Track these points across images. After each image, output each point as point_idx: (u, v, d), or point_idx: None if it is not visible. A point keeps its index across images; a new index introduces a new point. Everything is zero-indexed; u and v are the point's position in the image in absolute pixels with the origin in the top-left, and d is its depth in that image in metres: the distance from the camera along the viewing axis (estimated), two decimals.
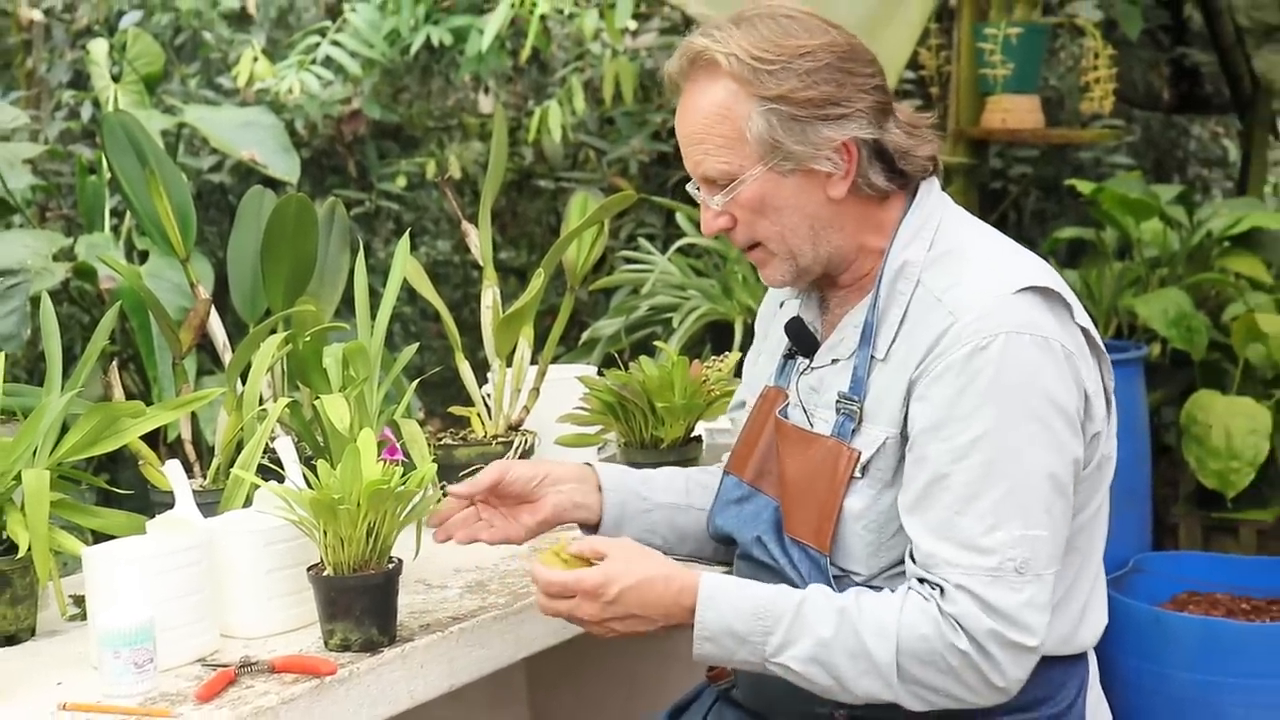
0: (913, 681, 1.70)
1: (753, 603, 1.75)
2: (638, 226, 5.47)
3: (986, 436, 1.68)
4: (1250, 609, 3.63)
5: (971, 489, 1.69)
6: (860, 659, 1.70)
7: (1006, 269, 1.77)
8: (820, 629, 1.71)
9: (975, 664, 1.67)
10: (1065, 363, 1.72)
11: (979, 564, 1.67)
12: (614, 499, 2.03)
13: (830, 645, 1.71)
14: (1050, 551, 1.69)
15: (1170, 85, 6.60)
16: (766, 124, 1.78)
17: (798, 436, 1.89)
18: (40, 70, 5.86)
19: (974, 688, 1.69)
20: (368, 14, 5.35)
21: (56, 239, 3.97)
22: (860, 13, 3.99)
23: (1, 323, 3.69)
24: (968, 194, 4.58)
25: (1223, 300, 4.44)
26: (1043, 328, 1.71)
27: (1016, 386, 1.69)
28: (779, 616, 1.73)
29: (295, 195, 2.29)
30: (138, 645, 1.72)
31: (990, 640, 1.67)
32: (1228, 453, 3.87)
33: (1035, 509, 1.68)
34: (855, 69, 1.80)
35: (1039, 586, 1.68)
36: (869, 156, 1.82)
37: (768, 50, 1.78)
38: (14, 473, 1.95)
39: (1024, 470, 1.68)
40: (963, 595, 1.67)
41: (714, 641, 1.76)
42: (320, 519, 1.81)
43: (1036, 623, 1.68)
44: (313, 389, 2.21)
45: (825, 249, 1.85)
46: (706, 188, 1.86)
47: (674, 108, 1.88)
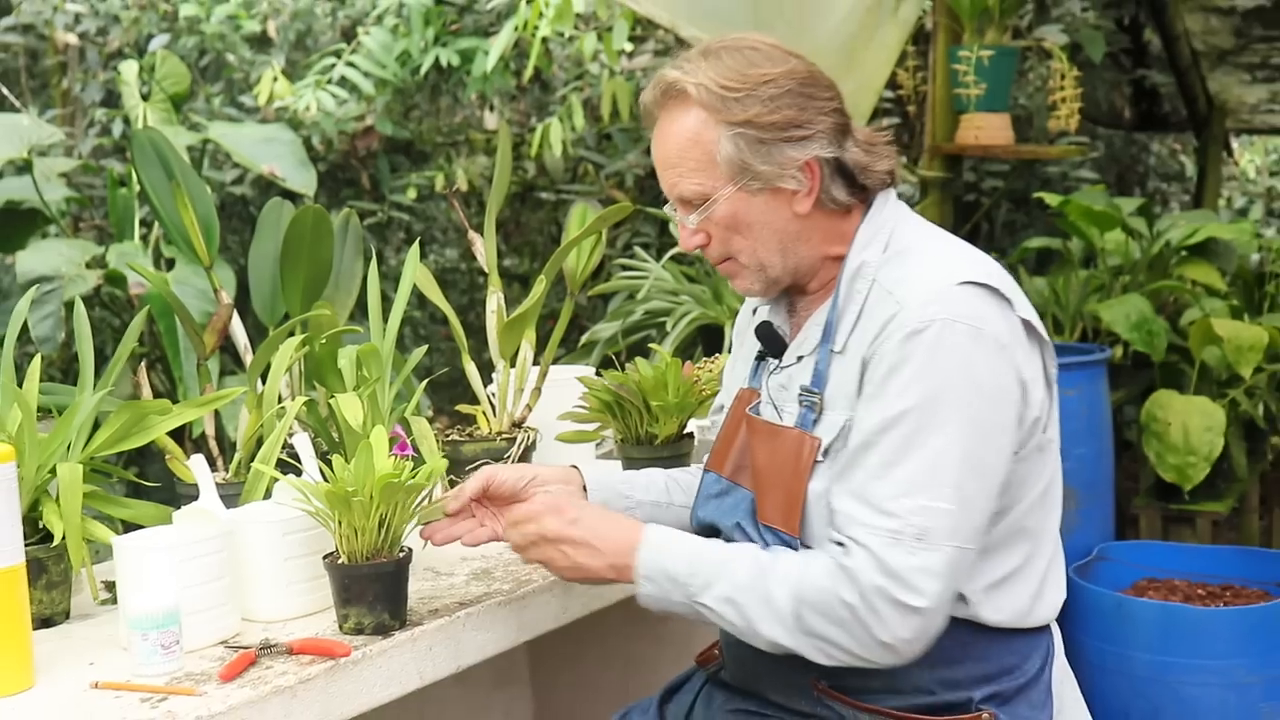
0: (809, 632, 1.72)
1: (689, 549, 1.81)
2: (634, 236, 5.48)
3: (911, 412, 1.70)
4: (1205, 594, 3.63)
5: (890, 458, 1.70)
6: (766, 605, 1.73)
7: (952, 264, 1.79)
8: (738, 575, 1.76)
9: (862, 618, 1.68)
10: (997, 353, 1.72)
11: (882, 525, 1.69)
12: (598, 497, 2.05)
13: (744, 589, 1.75)
14: (953, 526, 1.68)
15: (1131, 105, 6.61)
16: (735, 147, 1.81)
17: (766, 430, 1.91)
18: (75, 90, 5.86)
19: (863, 642, 1.70)
20: (380, 37, 5.35)
21: (89, 248, 3.97)
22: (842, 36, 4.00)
23: (38, 326, 3.69)
24: (943, 206, 4.57)
25: (1181, 306, 4.44)
26: (978, 318, 1.72)
27: (945, 370, 1.70)
28: (707, 561, 1.78)
29: (312, 206, 2.28)
30: (165, 628, 1.72)
31: (877, 596, 1.67)
32: (1185, 448, 3.87)
33: (944, 484, 1.69)
34: (815, 93, 1.84)
35: (936, 556, 1.68)
36: (831, 173, 1.85)
37: (733, 79, 1.81)
38: (49, 466, 1.95)
39: (940, 447, 1.69)
40: (861, 552, 1.69)
41: (652, 581, 1.80)
42: (335, 510, 1.81)
43: (927, 588, 1.67)
44: (328, 388, 2.20)
45: (793, 260, 1.88)
46: (682, 207, 1.89)
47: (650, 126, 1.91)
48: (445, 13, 5.45)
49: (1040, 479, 1.82)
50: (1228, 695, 3.29)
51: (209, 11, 5.60)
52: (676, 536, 1.84)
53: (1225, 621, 3.33)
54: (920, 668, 1.78)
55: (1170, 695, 3.32)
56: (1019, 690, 1.83)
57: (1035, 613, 1.83)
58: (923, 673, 1.79)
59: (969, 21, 4.33)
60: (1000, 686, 1.82)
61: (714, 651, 2.07)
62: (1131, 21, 6.34)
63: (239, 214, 5.32)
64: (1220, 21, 5.82)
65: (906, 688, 1.81)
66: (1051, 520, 1.87)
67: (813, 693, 1.85)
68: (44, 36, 5.84)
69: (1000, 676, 1.82)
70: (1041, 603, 1.84)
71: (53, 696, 1.70)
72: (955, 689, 1.80)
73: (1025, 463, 1.79)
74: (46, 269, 3.78)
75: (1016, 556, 1.80)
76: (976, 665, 1.81)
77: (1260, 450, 4.28)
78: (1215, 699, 3.29)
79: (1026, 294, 1.85)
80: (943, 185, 4.55)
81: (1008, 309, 1.76)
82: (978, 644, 1.81)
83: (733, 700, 1.97)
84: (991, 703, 1.81)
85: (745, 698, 1.96)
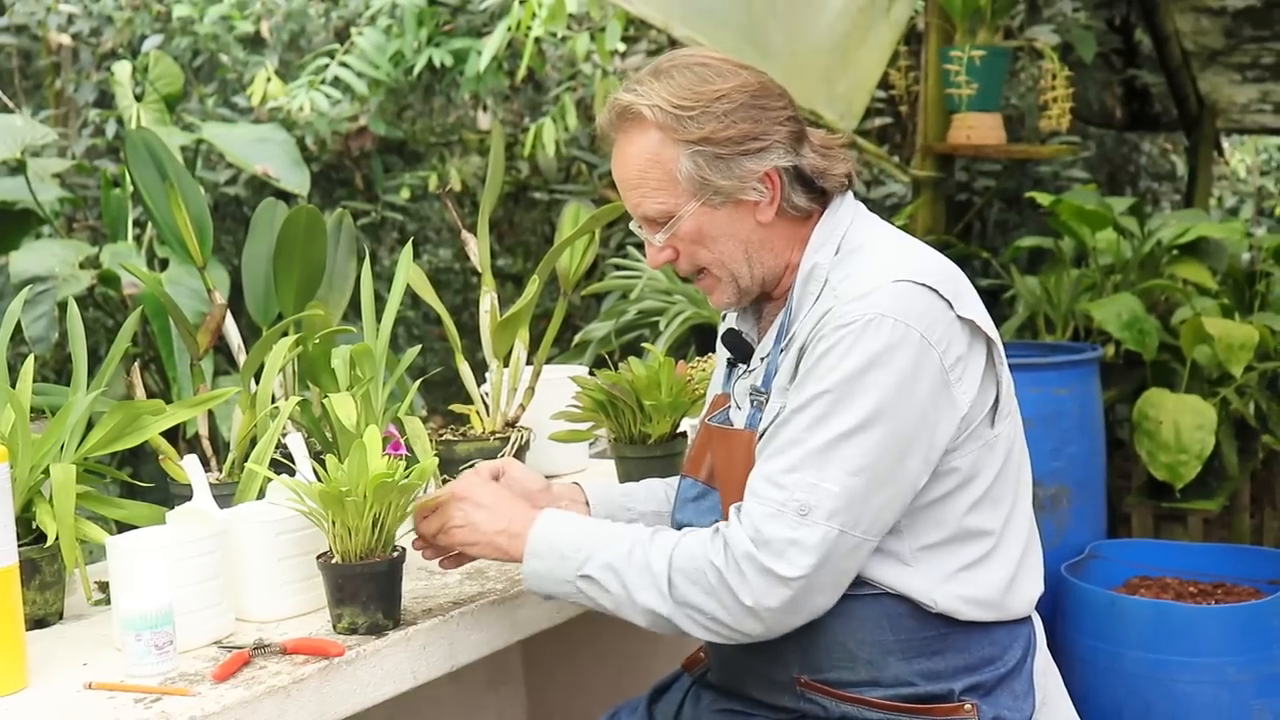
0: (681, 600, 1.75)
1: (580, 528, 1.85)
2: (627, 236, 5.47)
3: (824, 395, 1.72)
4: (1197, 592, 3.64)
5: (795, 436, 1.73)
6: (644, 572, 1.77)
7: (895, 262, 1.80)
8: (619, 546, 1.80)
9: (728, 581, 1.71)
10: (922, 352, 1.73)
11: (771, 495, 1.72)
12: (601, 512, 2.08)
13: (624, 557, 1.78)
14: (835, 507, 1.70)
15: (1122, 105, 6.62)
16: (694, 164, 1.83)
17: (720, 435, 1.94)
18: (68, 90, 5.85)
19: (728, 607, 1.72)
20: (374, 37, 5.35)
21: (83, 248, 3.96)
22: (835, 36, 4.00)
23: (31, 326, 3.68)
24: (935, 205, 4.58)
25: (1172, 305, 4.45)
26: (907, 315, 1.73)
27: (863, 362, 1.71)
28: (593, 537, 1.82)
29: (305, 207, 2.28)
30: (158, 628, 1.71)
31: (745, 560, 1.70)
32: (1177, 447, 3.88)
33: (836, 467, 1.70)
34: (768, 104, 1.85)
35: (813, 532, 1.69)
36: (790, 181, 1.87)
37: (686, 98, 1.82)
38: (43, 467, 1.94)
39: (841, 431, 1.71)
40: (744, 520, 1.73)
41: (539, 557, 1.83)
42: (329, 510, 1.81)
43: (797, 560, 1.69)
44: (322, 388, 2.20)
45: (760, 269, 1.90)
46: (648, 226, 1.91)
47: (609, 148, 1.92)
48: (438, 13, 5.44)
49: (987, 474, 1.82)
50: (1219, 692, 3.30)
51: (202, 12, 5.59)
52: (571, 516, 1.88)
53: (1217, 619, 3.34)
54: (901, 660, 1.81)
55: (1162, 693, 3.33)
56: (1000, 681, 1.84)
57: (1009, 604, 1.84)
58: (903, 664, 1.81)
59: (961, 22, 4.34)
60: (982, 677, 1.83)
61: (699, 654, 2.08)
62: (1122, 22, 6.35)
63: (232, 214, 5.32)
64: (1211, 22, 5.83)
65: (888, 680, 1.82)
66: (1015, 514, 1.86)
67: (795, 688, 1.86)
68: (37, 37, 5.84)
69: (982, 667, 1.83)
70: (1015, 594, 1.85)
71: (46, 697, 1.69)
72: (936, 680, 1.82)
73: (964, 458, 1.79)
74: (40, 269, 3.77)
75: (972, 550, 1.81)
76: (957, 656, 1.82)
77: (1251, 449, 4.28)
78: (1207, 696, 3.30)
79: (1017, 295, 1.86)
80: (935, 185, 4.56)
81: (944, 308, 1.76)
82: (955, 635, 1.82)
83: (719, 700, 1.98)
84: (974, 694, 1.82)
85: (731, 698, 1.96)
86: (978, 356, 1.80)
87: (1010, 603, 1.84)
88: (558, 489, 2.08)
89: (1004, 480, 1.84)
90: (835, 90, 4.07)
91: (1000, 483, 1.84)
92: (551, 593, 1.85)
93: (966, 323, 1.78)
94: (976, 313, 1.80)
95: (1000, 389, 1.83)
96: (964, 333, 1.78)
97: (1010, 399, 1.87)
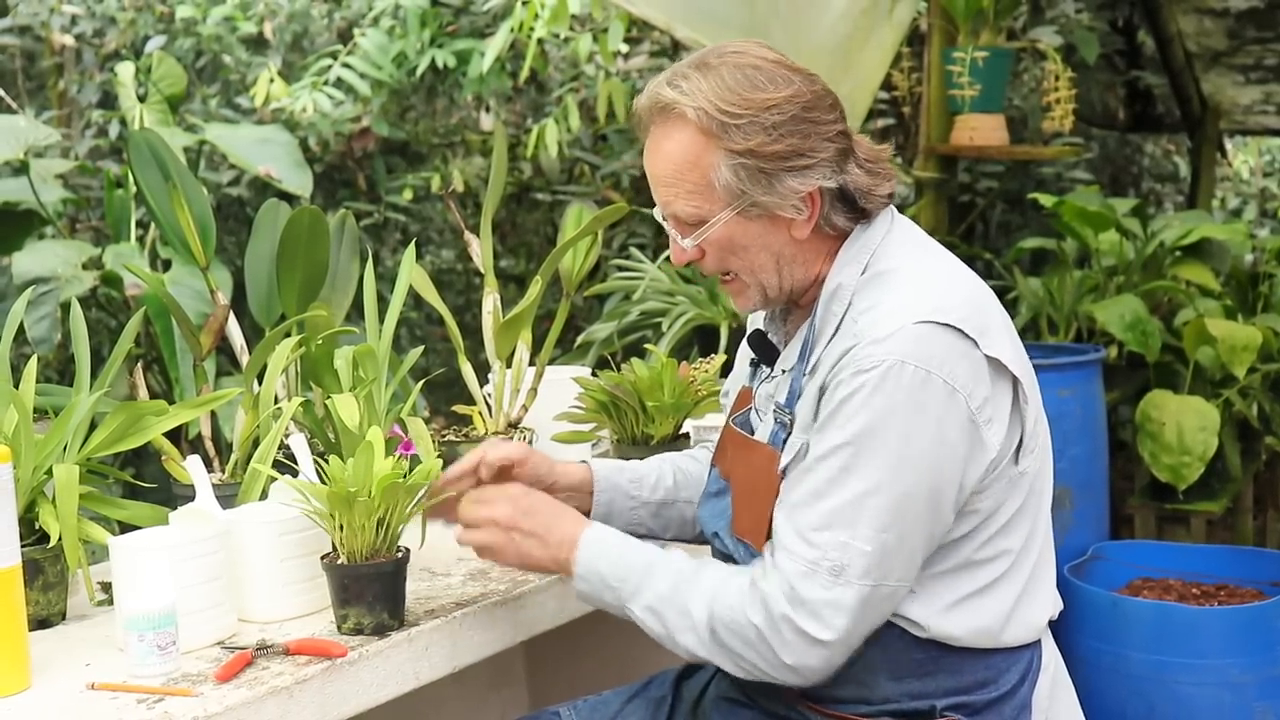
0: (722, 646, 1.74)
1: (624, 553, 1.83)
2: (629, 237, 5.47)
3: (846, 447, 1.68)
4: (1200, 594, 3.63)
5: (821, 489, 1.70)
6: (684, 616, 1.76)
7: (920, 298, 1.73)
8: (660, 585, 1.78)
9: (767, 639, 1.70)
10: (947, 398, 1.68)
11: (802, 553, 1.69)
12: (603, 499, 2.07)
13: (665, 600, 1.77)
14: (868, 565, 1.67)
15: (1125, 106, 6.62)
16: (735, 176, 1.75)
17: (743, 443, 1.92)
18: (71, 91, 5.85)
19: (770, 662, 1.72)
20: (377, 38, 5.35)
21: (85, 249, 3.97)
22: (837, 38, 4.00)
23: (34, 327, 3.69)
24: (937, 206, 4.58)
25: (1175, 306, 4.44)
26: (930, 361, 1.68)
27: (885, 410, 1.67)
28: (635, 568, 1.80)
29: (308, 208, 2.28)
30: (161, 629, 1.71)
31: (783, 623, 1.69)
32: (1179, 448, 3.87)
33: (866, 525, 1.67)
34: (819, 118, 1.77)
35: (848, 592, 1.67)
36: (831, 200, 1.80)
37: (735, 104, 1.73)
38: (45, 467, 1.95)
39: (866, 487, 1.67)
40: (777, 576, 1.70)
41: (587, 580, 1.83)
42: (336, 510, 1.81)
43: (834, 622, 1.68)
44: (324, 389, 2.20)
45: (789, 281, 1.85)
46: (676, 225, 1.84)
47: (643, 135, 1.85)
48: (441, 14, 5.44)
49: (1008, 509, 1.78)
50: (1222, 694, 3.29)
51: (205, 13, 5.59)
52: (611, 539, 1.85)
53: (1220, 621, 3.34)
54: (890, 679, 1.79)
55: (1165, 694, 3.33)
56: (989, 704, 1.81)
57: (1007, 633, 1.80)
58: (893, 684, 1.80)
59: (964, 23, 4.34)
60: (970, 698, 1.80)
61: None
62: (1125, 23, 6.35)
63: (235, 215, 5.31)
64: (1214, 23, 5.83)
65: (876, 698, 1.81)
66: (1030, 543, 1.82)
67: (785, 700, 1.87)
68: (40, 38, 5.84)
69: (973, 689, 1.80)
70: (1015, 624, 1.81)
71: (49, 698, 1.69)
72: (922, 699, 1.80)
73: (988, 498, 1.76)
74: (43, 270, 3.77)
75: (976, 580, 1.78)
76: (949, 679, 1.80)
77: (1254, 450, 4.28)
78: (1210, 698, 3.29)
79: (1020, 296, 1.84)
80: (937, 186, 4.56)
81: (970, 348, 1.71)
82: (948, 659, 1.79)
83: (730, 690, 1.98)
84: (958, 711, 1.79)
85: (739, 689, 1.96)
86: (1004, 395, 1.74)
87: (1010, 632, 1.80)
88: (565, 480, 2.05)
89: (1023, 513, 1.80)
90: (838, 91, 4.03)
91: (1019, 516, 1.80)
92: (603, 609, 1.86)
93: (992, 360, 1.72)
94: (1002, 350, 1.74)
95: (1025, 425, 1.77)
96: (990, 372, 1.72)
97: (1037, 433, 1.80)
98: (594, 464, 2.10)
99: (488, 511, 1.89)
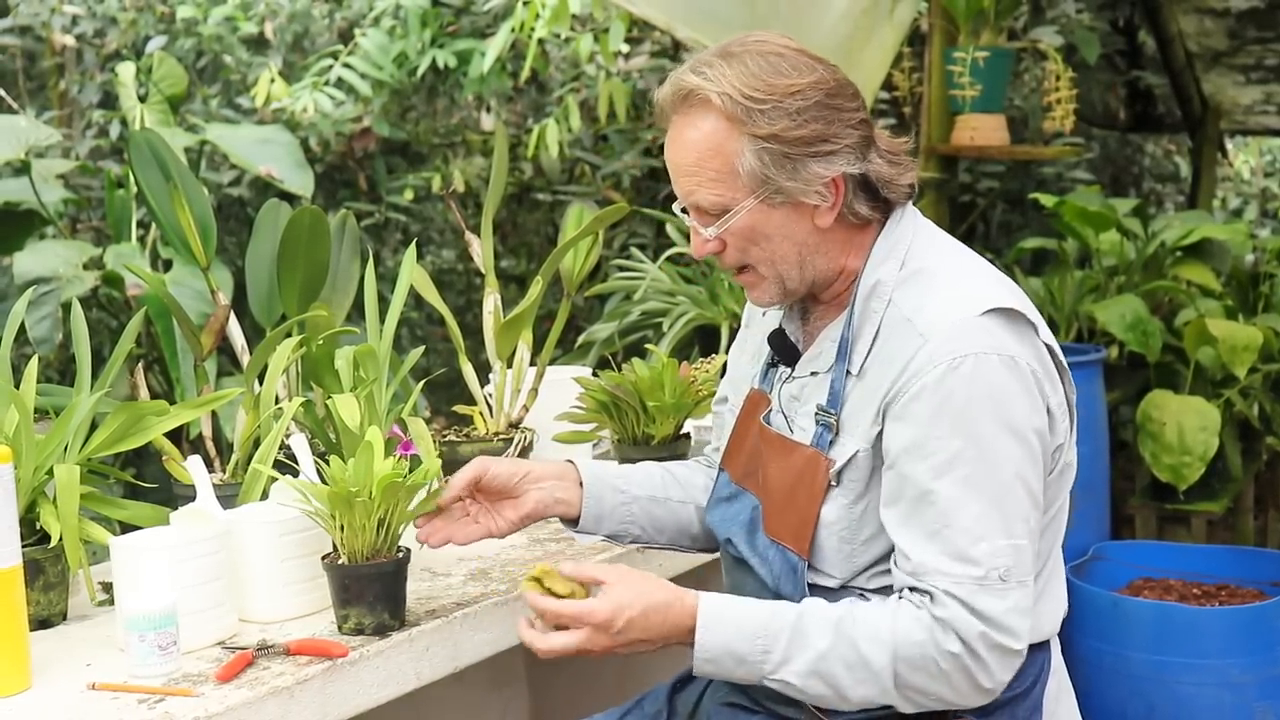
0: (907, 686, 1.69)
1: (752, 623, 1.72)
2: (630, 237, 5.47)
3: (964, 453, 1.67)
4: (1200, 594, 3.63)
5: (955, 503, 1.67)
6: (857, 668, 1.69)
7: (973, 290, 1.75)
8: (818, 642, 1.70)
9: (966, 666, 1.67)
10: (1032, 382, 1.71)
11: (968, 573, 1.66)
12: (593, 492, 2.01)
13: (827, 657, 1.69)
14: (1030, 559, 1.69)
15: (1126, 106, 6.62)
16: (759, 161, 1.74)
17: (780, 444, 1.88)
18: (72, 91, 5.85)
19: (962, 690, 1.69)
20: (377, 38, 5.35)
21: (86, 249, 3.97)
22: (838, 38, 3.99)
23: (35, 327, 3.69)
24: (938, 207, 4.58)
25: (1175, 306, 4.44)
26: (1009, 348, 1.70)
27: (988, 405, 1.67)
28: (776, 635, 1.71)
29: (309, 208, 2.28)
30: (162, 629, 1.72)
31: (980, 643, 1.66)
32: (1180, 448, 3.87)
33: (1015, 519, 1.68)
34: (842, 105, 1.77)
35: (1022, 592, 1.68)
36: (854, 188, 1.80)
37: (759, 89, 1.73)
38: (46, 467, 1.95)
39: (1001, 483, 1.67)
40: (952, 601, 1.66)
41: (714, 663, 1.74)
42: (336, 510, 1.81)
43: (1020, 627, 1.67)
44: (325, 389, 2.20)
45: (810, 272, 1.83)
46: (698, 215, 1.83)
47: (665, 126, 1.84)
48: (442, 14, 5.44)
49: (1055, 502, 1.81)
50: (1223, 694, 3.29)
51: (206, 13, 5.59)
52: (731, 609, 1.75)
53: (1220, 621, 3.33)
54: None
55: (1166, 694, 3.32)
56: (1003, 704, 1.80)
57: (1035, 628, 1.80)
58: None
59: (964, 23, 4.34)
60: None
61: None
62: (1126, 23, 6.35)
63: (236, 215, 5.31)
64: (1214, 23, 5.83)
65: None
66: (1057, 540, 1.86)
67: (795, 701, 1.84)
68: (41, 38, 5.84)
69: None
70: (1042, 619, 1.82)
71: (50, 698, 1.70)
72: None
73: (1048, 488, 1.78)
74: (44, 270, 3.77)
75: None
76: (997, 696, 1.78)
77: (1255, 450, 4.27)
78: (1210, 698, 3.29)
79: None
80: (938, 186, 4.56)
81: (1033, 335, 1.74)
82: None
83: (732, 695, 1.96)
84: (972, 712, 1.78)
85: (740, 693, 1.95)
86: (1060, 384, 1.78)
87: (1038, 626, 1.81)
88: (540, 469, 2.00)
89: (1061, 510, 1.83)
90: None
91: (1059, 512, 1.83)
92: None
93: (1047, 347, 1.76)
94: (1053, 339, 1.78)
95: (1072, 415, 1.81)
96: (1048, 357, 1.76)
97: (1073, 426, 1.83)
98: (577, 460, 2.07)
99: (577, 642, 1.74)
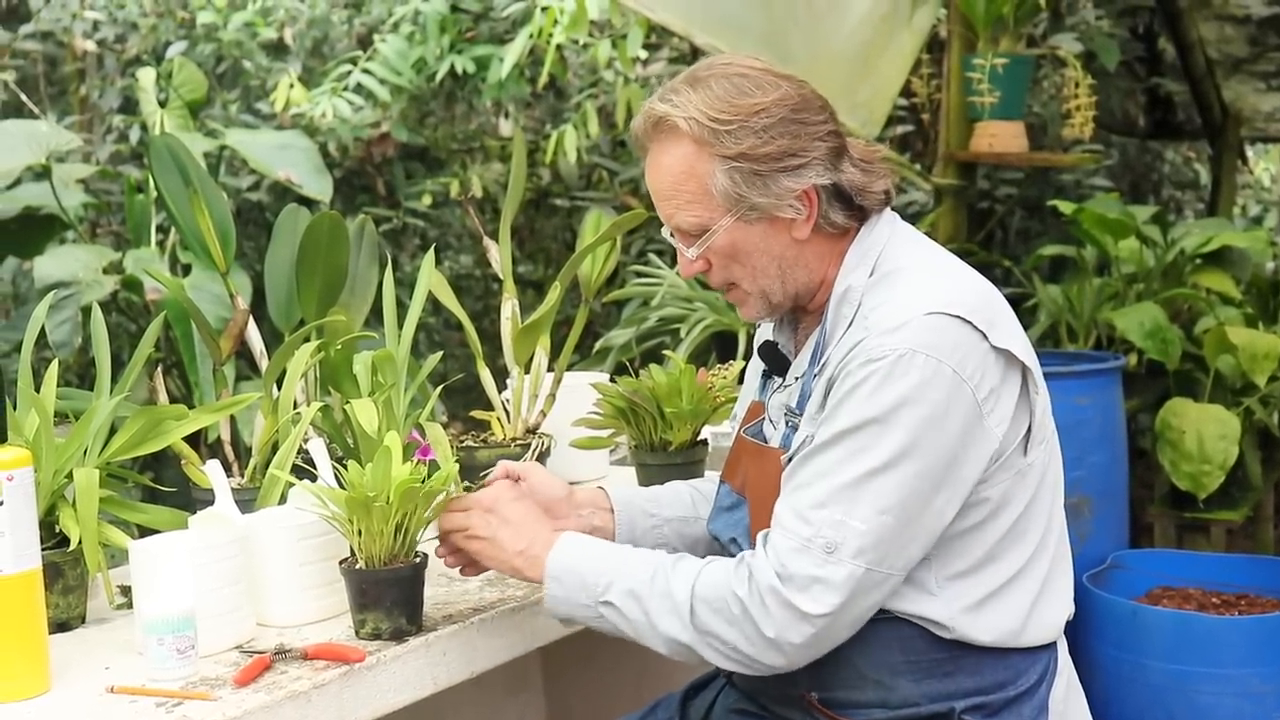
0: (702, 628, 1.74)
1: (597, 552, 1.85)
2: (648, 243, 5.47)
3: (851, 432, 1.70)
4: (1220, 603, 3.62)
5: (823, 471, 1.71)
6: (666, 599, 1.76)
7: (929, 292, 1.76)
8: (641, 572, 1.79)
9: (750, 613, 1.70)
10: (955, 387, 1.70)
11: (797, 530, 1.70)
12: (624, 518, 2.06)
13: (646, 584, 1.77)
14: (862, 546, 1.68)
15: (1146, 113, 6.60)
16: (730, 180, 1.79)
17: (754, 450, 1.93)
18: (93, 96, 5.87)
19: (750, 638, 1.71)
20: (396, 44, 5.36)
21: (106, 253, 3.98)
22: (856, 44, 4.00)
23: (55, 331, 3.70)
24: (957, 213, 4.58)
25: (1195, 314, 4.43)
26: (938, 350, 1.70)
27: (895, 399, 1.69)
28: (612, 562, 1.82)
29: (328, 213, 2.29)
30: (180, 633, 1.72)
31: (769, 594, 1.69)
32: (1199, 457, 3.86)
33: (865, 505, 1.68)
34: (808, 118, 1.81)
35: (839, 570, 1.68)
36: (828, 199, 1.83)
37: (724, 111, 1.78)
38: (66, 471, 1.95)
39: (869, 468, 1.69)
40: (769, 552, 1.71)
41: (559, 581, 1.82)
42: (354, 515, 1.81)
43: (822, 598, 1.68)
44: (343, 394, 2.21)
45: (792, 285, 1.88)
46: (681, 237, 1.88)
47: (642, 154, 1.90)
48: (461, 20, 5.45)
49: (1018, 502, 1.79)
50: (1242, 704, 3.28)
51: (226, 19, 5.61)
52: (588, 541, 1.87)
53: (1240, 630, 3.32)
54: (911, 681, 1.79)
55: (1185, 704, 3.31)
56: (1007, 704, 1.81)
57: (1028, 633, 1.81)
58: (913, 686, 1.79)
59: (984, 30, 4.33)
60: (989, 698, 1.80)
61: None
62: (1146, 30, 6.33)
63: (255, 220, 5.33)
64: (1235, 30, 5.81)
65: (895, 701, 1.81)
66: (1046, 540, 1.83)
67: (804, 705, 1.86)
68: (62, 43, 5.86)
69: (991, 690, 1.81)
70: (1034, 624, 1.82)
71: (68, 701, 1.70)
72: (943, 700, 1.80)
73: (995, 488, 1.76)
74: (64, 274, 3.79)
75: (995, 578, 1.78)
76: (969, 679, 1.80)
77: (1275, 459, 4.26)
78: (1230, 708, 3.28)
79: (1039, 303, 1.84)
80: (956, 193, 4.55)
81: (978, 340, 1.73)
82: (968, 659, 1.79)
83: (740, 701, 1.98)
84: (976, 713, 1.79)
85: (750, 700, 1.96)
86: (1012, 386, 1.76)
87: (1031, 631, 1.81)
88: (580, 494, 2.07)
89: (1036, 506, 1.81)
90: (857, 98, 4.07)
91: (1032, 509, 1.81)
92: (571, 616, 1.84)
93: (1001, 352, 1.74)
94: (1013, 340, 1.76)
95: (1034, 417, 1.79)
96: (998, 363, 1.74)
97: (1045, 425, 1.83)
98: (609, 488, 2.12)
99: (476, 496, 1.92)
